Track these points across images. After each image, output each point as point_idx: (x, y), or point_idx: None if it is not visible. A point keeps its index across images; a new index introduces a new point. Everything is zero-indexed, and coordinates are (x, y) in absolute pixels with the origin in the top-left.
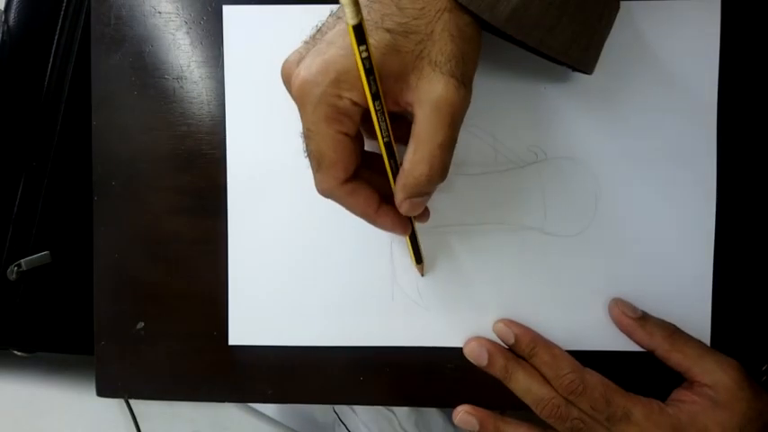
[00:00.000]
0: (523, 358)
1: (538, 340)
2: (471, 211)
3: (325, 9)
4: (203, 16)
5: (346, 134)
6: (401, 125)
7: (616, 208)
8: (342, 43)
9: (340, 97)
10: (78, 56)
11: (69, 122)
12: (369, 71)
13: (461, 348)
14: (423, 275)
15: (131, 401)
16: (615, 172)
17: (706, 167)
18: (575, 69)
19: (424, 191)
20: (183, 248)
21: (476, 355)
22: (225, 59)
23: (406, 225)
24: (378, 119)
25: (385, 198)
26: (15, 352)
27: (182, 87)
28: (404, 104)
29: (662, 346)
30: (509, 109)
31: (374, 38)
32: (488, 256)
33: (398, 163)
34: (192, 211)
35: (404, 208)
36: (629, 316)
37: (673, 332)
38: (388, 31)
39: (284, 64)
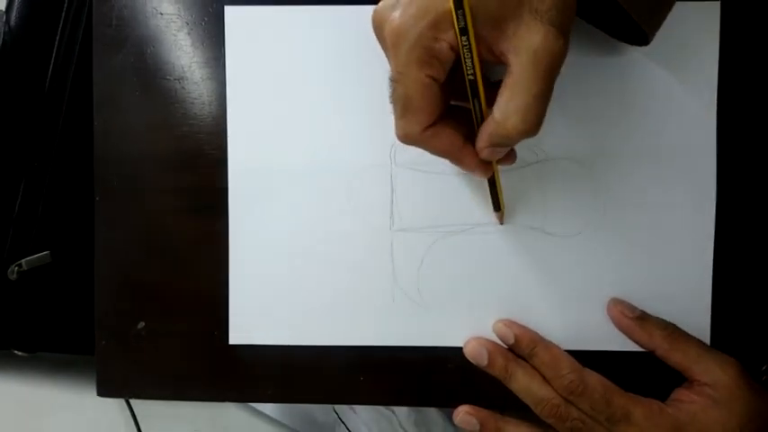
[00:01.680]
0: (523, 358)
1: (538, 340)
2: (471, 211)
3: (326, 9)
4: (204, 17)
5: (435, 79)
6: (493, 89)
7: (616, 208)
8: None
9: (437, 39)
10: (79, 57)
11: (71, 123)
12: (457, 3)
13: (461, 348)
14: (501, 224)
15: (132, 401)
16: (615, 172)
17: (706, 167)
18: (631, 41)
19: (511, 142)
20: (184, 248)
21: (476, 355)
22: (226, 60)
23: (488, 167)
24: (464, 54)
25: (468, 137)
26: (16, 352)
27: (183, 88)
28: (498, 53)
29: (661, 346)
30: None
31: None
32: (488, 256)
33: (483, 107)
34: (193, 212)
35: (484, 153)
36: (628, 316)
37: (672, 331)
38: None
39: (376, 10)
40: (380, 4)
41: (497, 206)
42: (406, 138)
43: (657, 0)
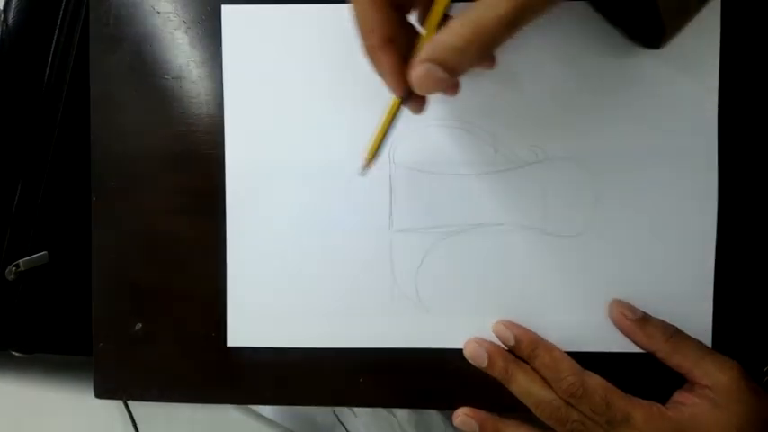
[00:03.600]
0: (524, 360)
1: (538, 342)
2: (471, 211)
3: (325, 9)
4: (202, 16)
5: None
6: None
7: (616, 208)
8: None
9: None
10: (77, 55)
11: (68, 122)
12: None
13: (461, 350)
14: (361, 174)
15: (130, 403)
16: (616, 172)
17: (707, 167)
18: (647, 43)
19: (452, 59)
20: (182, 249)
21: (476, 357)
22: (223, 59)
23: (402, 81)
24: None
25: (395, 41)
26: (14, 353)
27: (180, 87)
28: None
29: (662, 348)
30: (510, 109)
31: None
32: (488, 257)
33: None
34: (190, 212)
35: (417, 70)
36: (629, 317)
37: (673, 333)
38: None
39: None
40: None
41: (375, 153)
42: None
43: (684, 3)
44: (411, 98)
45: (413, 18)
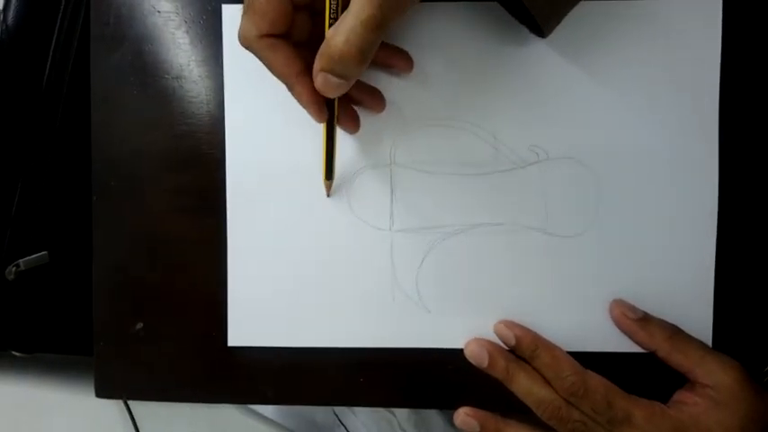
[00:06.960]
0: (524, 360)
1: (539, 342)
2: (472, 211)
3: None
4: (203, 15)
5: None
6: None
7: (617, 208)
8: None
9: None
10: (77, 55)
11: (68, 122)
12: None
13: (462, 349)
14: (329, 196)
15: (130, 402)
16: (617, 172)
17: (708, 167)
18: (532, 28)
19: (337, 68)
20: (183, 249)
21: (476, 356)
22: (224, 59)
23: (321, 108)
24: None
25: (311, 71)
26: (14, 353)
27: (181, 86)
28: None
29: (663, 348)
30: (510, 109)
31: None
32: (489, 257)
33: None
34: (191, 211)
35: (318, 80)
36: (630, 317)
37: (674, 333)
38: None
39: None
40: None
41: (329, 174)
42: (243, 40)
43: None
44: (340, 120)
45: None
